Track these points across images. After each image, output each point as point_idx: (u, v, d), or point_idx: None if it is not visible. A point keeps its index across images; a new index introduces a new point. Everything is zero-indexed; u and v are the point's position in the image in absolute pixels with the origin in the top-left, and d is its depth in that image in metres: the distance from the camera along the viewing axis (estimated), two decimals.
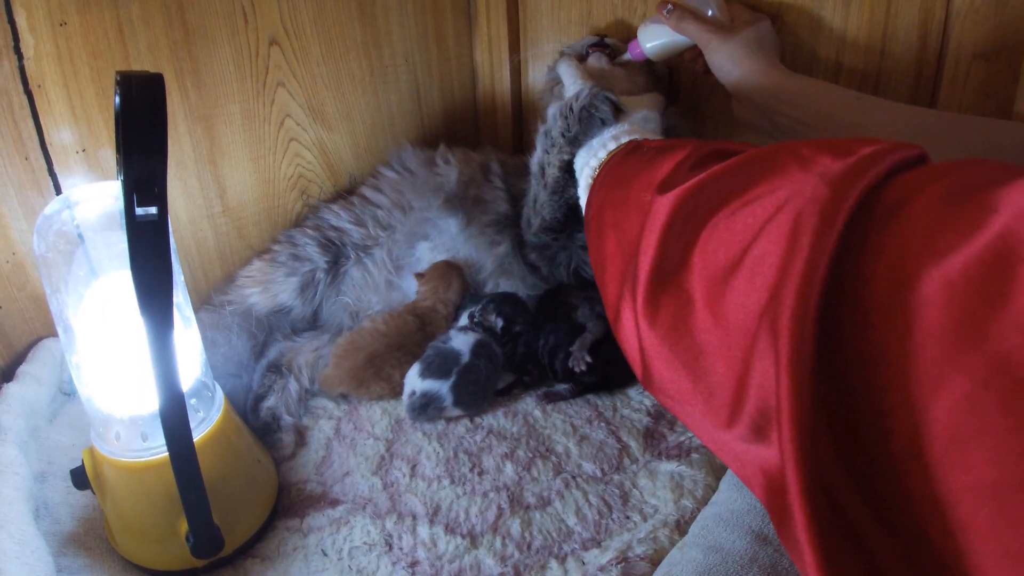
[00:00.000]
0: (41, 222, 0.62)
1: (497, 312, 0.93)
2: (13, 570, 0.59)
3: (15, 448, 0.72)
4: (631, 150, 0.67)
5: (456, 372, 0.84)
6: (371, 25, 1.10)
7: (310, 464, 0.80)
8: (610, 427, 0.82)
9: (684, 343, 0.45)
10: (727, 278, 0.42)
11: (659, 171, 0.53)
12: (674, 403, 0.49)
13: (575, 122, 0.77)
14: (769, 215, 0.40)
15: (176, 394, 0.57)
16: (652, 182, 0.52)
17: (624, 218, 0.56)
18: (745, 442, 0.41)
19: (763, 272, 0.39)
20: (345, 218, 1.05)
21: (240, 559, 0.68)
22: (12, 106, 0.80)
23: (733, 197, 0.44)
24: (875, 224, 0.36)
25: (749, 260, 0.40)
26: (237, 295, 1.00)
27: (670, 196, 0.48)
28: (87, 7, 0.82)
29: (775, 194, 0.41)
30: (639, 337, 0.50)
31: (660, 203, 0.49)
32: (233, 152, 1.00)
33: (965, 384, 0.30)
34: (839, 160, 0.40)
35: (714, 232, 0.44)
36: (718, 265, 0.43)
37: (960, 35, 0.77)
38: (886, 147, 0.39)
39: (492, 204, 1.01)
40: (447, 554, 0.67)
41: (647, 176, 0.55)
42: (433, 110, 1.25)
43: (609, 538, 0.67)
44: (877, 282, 0.34)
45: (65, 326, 0.64)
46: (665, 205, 0.48)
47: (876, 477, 0.34)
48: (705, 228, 0.45)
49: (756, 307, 0.39)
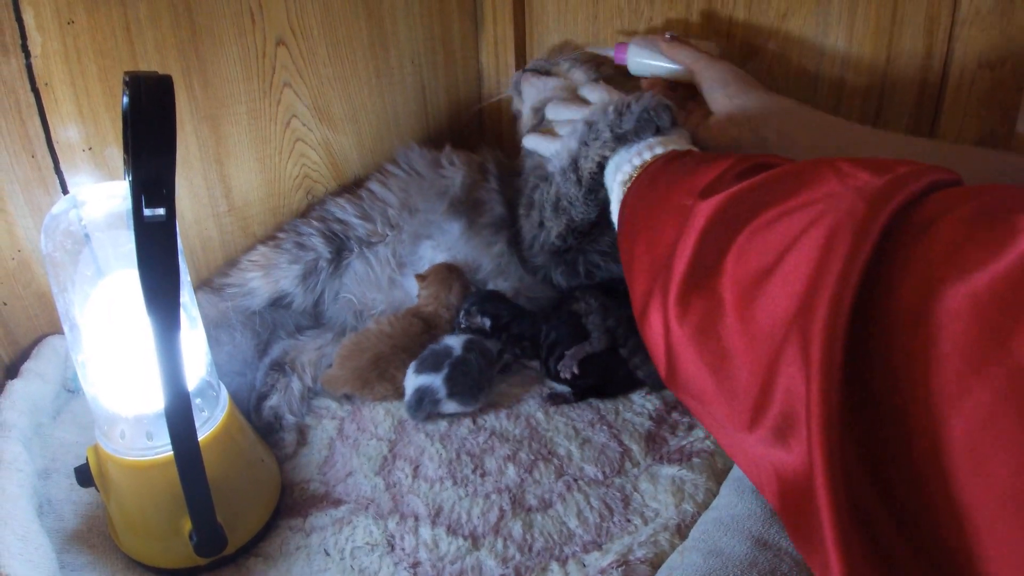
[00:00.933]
0: (48, 221, 0.62)
1: (481, 312, 0.93)
2: (16, 566, 0.59)
3: (19, 445, 0.72)
4: (673, 157, 0.68)
5: (448, 364, 0.84)
6: (378, 26, 1.11)
7: (313, 464, 0.81)
8: (612, 430, 0.82)
9: (711, 345, 0.46)
10: (759, 285, 0.43)
11: (702, 178, 0.54)
12: (696, 403, 0.50)
13: (631, 120, 0.75)
14: (805, 226, 0.41)
15: (181, 394, 0.57)
16: (694, 188, 0.53)
17: (659, 221, 0.57)
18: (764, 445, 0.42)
19: (795, 281, 0.40)
20: (351, 211, 1.05)
21: (243, 558, 0.68)
22: (19, 104, 0.80)
23: (771, 206, 0.45)
24: (905, 239, 0.37)
25: (783, 269, 0.41)
26: (238, 278, 1.00)
27: (711, 202, 0.49)
28: (95, 6, 0.82)
29: (812, 206, 0.42)
30: (666, 335, 0.51)
31: (701, 208, 0.50)
32: (239, 152, 1.01)
33: (986, 396, 0.31)
34: (877, 177, 0.41)
35: (751, 239, 0.45)
36: (750, 271, 0.44)
37: (965, 44, 0.77)
38: (923, 168, 0.41)
39: (488, 206, 1.01)
40: (449, 555, 0.67)
41: (689, 182, 0.56)
42: (439, 112, 1.25)
43: (610, 541, 0.68)
44: (904, 294, 0.35)
45: (71, 325, 0.64)
46: (706, 210, 0.49)
47: (898, 485, 0.35)
48: (741, 234, 0.46)
49: (786, 314, 0.40)
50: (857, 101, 0.88)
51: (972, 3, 0.75)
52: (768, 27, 0.92)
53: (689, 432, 0.80)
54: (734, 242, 0.46)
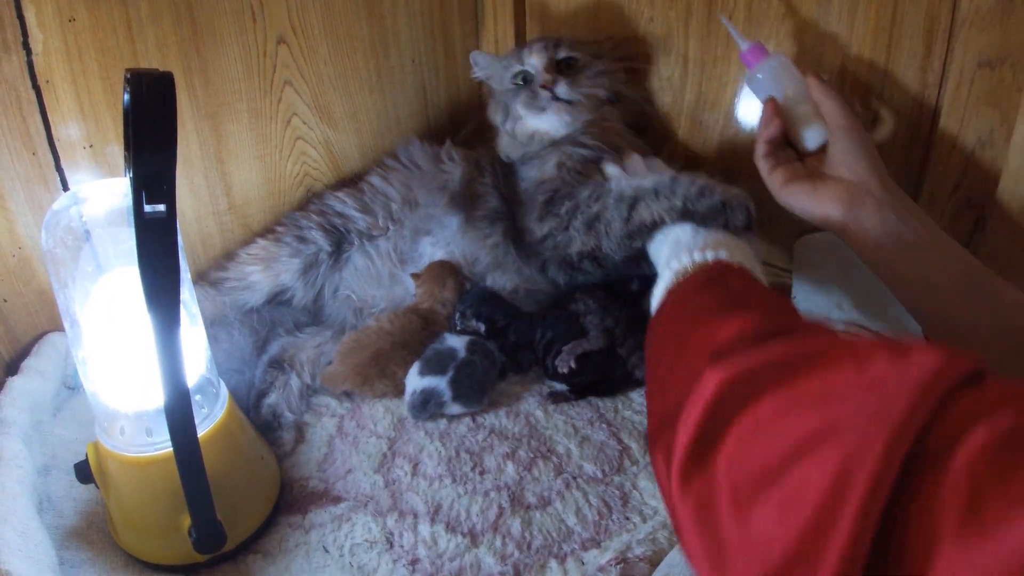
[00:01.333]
0: (49, 218, 0.63)
1: (476, 316, 0.94)
2: (16, 563, 0.59)
3: (19, 441, 0.72)
4: (714, 279, 0.63)
5: (453, 367, 0.85)
6: (379, 25, 1.11)
7: (312, 461, 0.81)
8: (611, 428, 0.82)
9: (709, 530, 0.43)
10: (758, 490, 0.40)
11: (721, 332, 0.51)
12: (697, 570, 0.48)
13: (703, 207, 0.73)
14: (812, 433, 0.38)
15: (181, 390, 0.57)
16: (711, 343, 0.50)
17: (677, 361, 0.54)
18: None
19: (805, 500, 0.37)
20: (351, 205, 1.05)
21: (242, 555, 0.69)
22: (20, 101, 0.80)
23: (780, 389, 0.42)
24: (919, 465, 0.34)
25: (786, 482, 0.38)
26: (237, 272, 0.99)
27: (720, 371, 0.46)
28: (96, 3, 0.82)
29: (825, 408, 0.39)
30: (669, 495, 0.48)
31: (709, 376, 0.46)
32: (240, 150, 1.01)
33: None
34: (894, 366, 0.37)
35: (753, 430, 0.42)
36: (750, 469, 0.41)
37: (965, 43, 0.77)
38: (941, 364, 0.37)
39: (484, 199, 1.01)
40: (447, 552, 0.67)
41: (709, 331, 0.52)
42: (439, 110, 1.26)
43: (609, 539, 0.68)
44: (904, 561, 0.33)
45: (72, 321, 0.65)
46: (714, 379, 0.46)
47: None
48: (744, 417, 0.43)
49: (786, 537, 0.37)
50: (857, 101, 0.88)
51: (972, 2, 0.75)
52: (768, 27, 0.92)
53: None
54: (735, 424, 0.43)
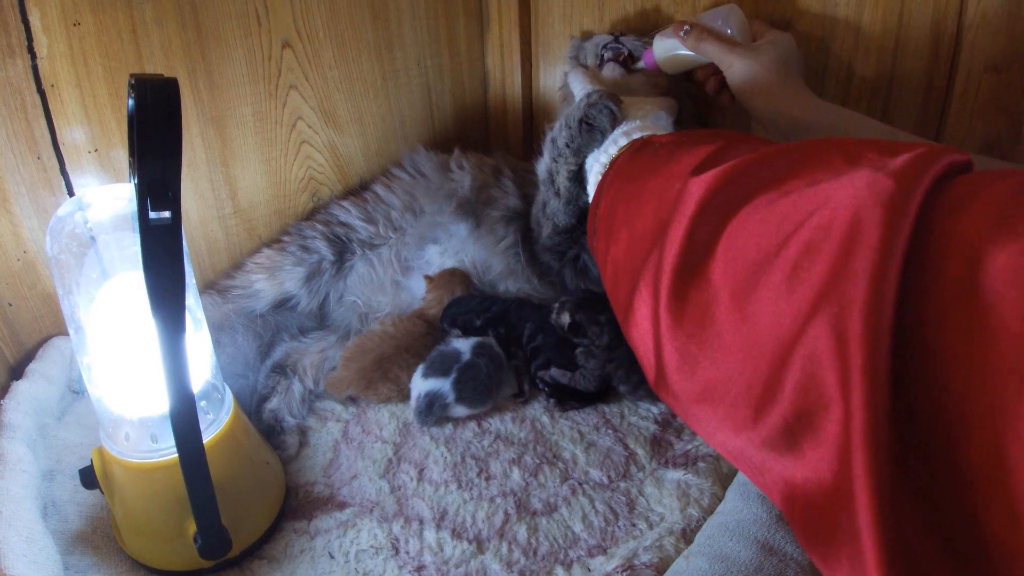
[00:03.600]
0: (54, 223, 0.62)
1: (451, 324, 0.95)
2: (21, 567, 0.59)
3: (24, 446, 0.72)
4: (640, 147, 0.66)
5: (457, 369, 0.84)
6: (384, 29, 1.11)
7: (317, 466, 0.81)
8: (617, 434, 0.82)
9: (710, 340, 0.42)
10: (759, 274, 0.39)
11: (690, 159, 0.50)
12: (686, 406, 0.47)
13: (576, 134, 0.77)
14: (811, 209, 0.37)
15: (186, 396, 0.57)
16: (683, 169, 0.49)
17: (638, 213, 0.54)
18: (768, 449, 0.39)
19: (811, 269, 0.36)
20: (355, 214, 1.05)
21: (247, 560, 0.68)
22: (25, 106, 0.80)
23: (771, 186, 0.41)
24: (942, 215, 0.34)
25: (788, 256, 0.37)
26: (243, 280, 1.01)
27: (705, 177, 0.45)
28: (101, 7, 0.82)
29: (818, 187, 0.38)
30: (656, 336, 0.47)
31: (694, 185, 0.45)
32: (244, 154, 1.01)
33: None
34: (892, 157, 0.37)
35: (747, 222, 0.41)
36: (748, 259, 0.40)
37: (972, 47, 0.77)
38: (939, 148, 0.37)
39: (502, 200, 1.01)
40: (453, 559, 0.67)
41: (674, 167, 0.52)
42: (444, 114, 1.25)
43: (615, 545, 0.67)
44: (950, 267, 0.32)
45: (76, 326, 0.64)
46: (699, 187, 0.45)
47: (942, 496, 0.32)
48: (736, 216, 0.42)
49: (800, 306, 0.36)
50: (863, 102, 0.87)
51: (979, 6, 0.75)
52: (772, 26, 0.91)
53: (694, 436, 0.80)
54: (728, 224, 0.42)
